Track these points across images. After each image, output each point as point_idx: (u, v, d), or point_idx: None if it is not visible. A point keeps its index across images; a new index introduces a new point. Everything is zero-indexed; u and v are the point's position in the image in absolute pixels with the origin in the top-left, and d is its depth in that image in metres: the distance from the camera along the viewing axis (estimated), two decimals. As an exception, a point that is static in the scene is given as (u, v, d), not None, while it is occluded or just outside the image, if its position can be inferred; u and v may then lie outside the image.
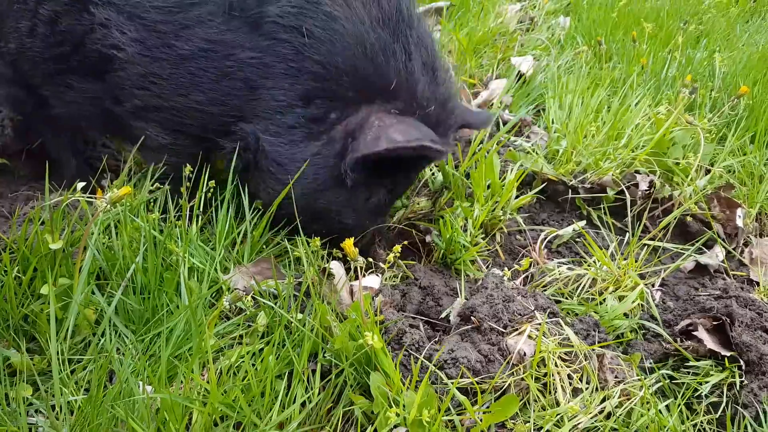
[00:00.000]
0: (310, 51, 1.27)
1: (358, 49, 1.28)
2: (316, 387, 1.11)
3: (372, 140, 1.28)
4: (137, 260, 1.26)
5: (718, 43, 3.23)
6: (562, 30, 3.18)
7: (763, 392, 1.18)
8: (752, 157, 2.08)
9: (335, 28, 1.27)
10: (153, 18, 1.30)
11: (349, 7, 1.28)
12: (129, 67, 1.35)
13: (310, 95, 1.31)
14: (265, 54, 1.28)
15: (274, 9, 1.26)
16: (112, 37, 1.33)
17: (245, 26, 1.28)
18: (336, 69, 1.29)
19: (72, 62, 1.42)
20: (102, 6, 1.32)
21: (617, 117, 2.11)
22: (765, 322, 1.29)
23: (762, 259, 1.77)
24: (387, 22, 1.32)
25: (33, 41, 1.43)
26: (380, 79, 1.32)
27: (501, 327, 1.21)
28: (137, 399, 1.01)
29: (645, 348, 1.34)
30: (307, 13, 1.26)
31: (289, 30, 1.26)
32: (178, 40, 1.29)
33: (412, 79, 1.35)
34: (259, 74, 1.30)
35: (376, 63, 1.30)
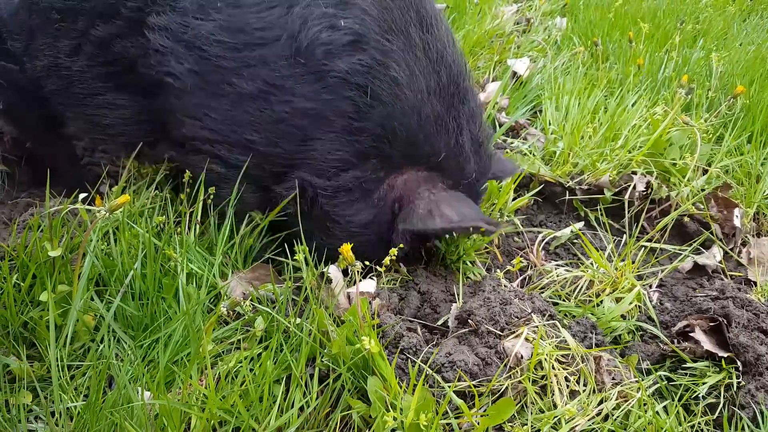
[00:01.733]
0: (372, 112, 1.26)
1: (414, 118, 1.29)
2: (314, 391, 1.11)
3: (425, 215, 1.29)
4: (136, 266, 1.26)
5: (715, 43, 3.24)
6: (559, 31, 3.18)
7: (760, 393, 1.18)
8: (749, 157, 2.09)
9: (397, 94, 1.27)
10: (215, 52, 1.27)
11: (413, 75, 1.29)
12: (184, 96, 1.33)
13: (367, 154, 1.30)
14: (326, 108, 1.27)
15: (342, 65, 1.23)
16: (167, 65, 1.31)
17: (309, 75, 1.25)
18: (392, 132, 1.29)
19: (121, 81, 1.41)
20: (158, 32, 1.30)
21: (614, 118, 2.12)
22: (762, 323, 1.29)
23: (760, 259, 1.78)
24: (443, 96, 1.34)
25: (75, 60, 1.41)
26: (430, 150, 1.33)
27: (498, 330, 1.21)
28: (136, 405, 1.02)
29: (642, 349, 1.34)
30: (375, 75, 1.25)
31: (354, 87, 1.25)
32: (239, 78, 1.27)
33: (463, 154, 1.37)
34: (316, 126, 1.28)
35: (427, 133, 1.31)
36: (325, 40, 1.22)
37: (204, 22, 1.26)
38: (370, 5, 1.25)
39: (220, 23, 1.26)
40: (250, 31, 1.25)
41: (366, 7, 1.25)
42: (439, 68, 1.33)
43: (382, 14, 1.26)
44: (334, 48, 1.23)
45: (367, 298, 1.23)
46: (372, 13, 1.25)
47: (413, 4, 1.32)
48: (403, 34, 1.28)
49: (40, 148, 1.76)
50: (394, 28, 1.27)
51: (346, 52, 1.23)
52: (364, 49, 1.24)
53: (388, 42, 1.25)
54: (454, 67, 1.36)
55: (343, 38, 1.23)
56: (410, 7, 1.31)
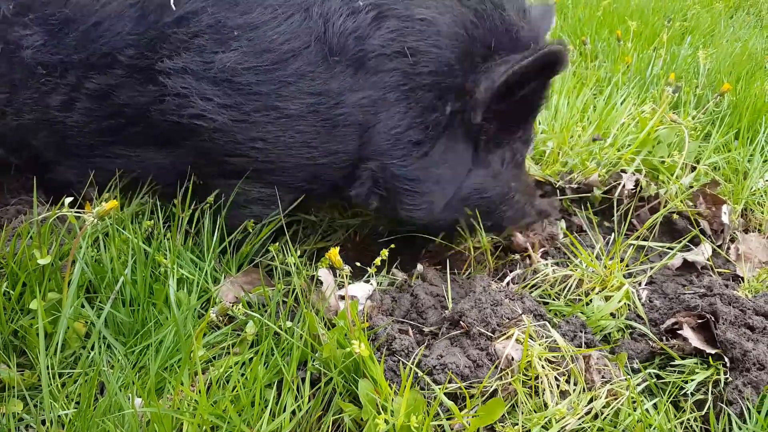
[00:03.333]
0: (419, 67, 1.25)
1: (460, 34, 1.26)
2: (305, 395, 1.12)
3: (487, 79, 1.26)
4: (126, 273, 1.26)
5: (703, 40, 3.26)
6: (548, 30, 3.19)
7: (747, 389, 1.20)
8: (736, 154, 2.11)
9: (434, 32, 1.24)
10: (247, 80, 1.21)
11: (443, 5, 1.25)
12: (219, 137, 1.27)
13: (428, 104, 1.29)
14: (375, 90, 1.24)
15: (376, 41, 1.22)
16: (191, 107, 1.24)
17: (349, 68, 1.23)
18: (447, 65, 1.27)
19: (128, 133, 1.34)
20: (175, 75, 1.23)
21: (603, 116, 2.13)
22: (748, 319, 1.30)
23: (747, 254, 1.79)
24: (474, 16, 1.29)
25: (67, 115, 1.33)
26: (482, 47, 1.29)
27: (489, 332, 1.22)
28: (127, 412, 1.02)
29: (631, 347, 1.35)
30: (406, 32, 1.23)
31: (394, 57, 1.23)
32: (281, 99, 1.22)
33: (513, 26, 1.32)
34: (372, 112, 1.26)
35: (475, 35, 1.28)
36: (352, 28, 1.20)
37: (226, 54, 1.21)
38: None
39: (243, 50, 1.21)
40: (276, 47, 1.21)
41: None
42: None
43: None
44: (363, 31, 1.21)
45: (357, 301, 1.23)
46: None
47: None
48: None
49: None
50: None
51: (374, 27, 1.21)
52: (387, 16, 1.22)
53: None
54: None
55: (366, 17, 1.21)
56: None
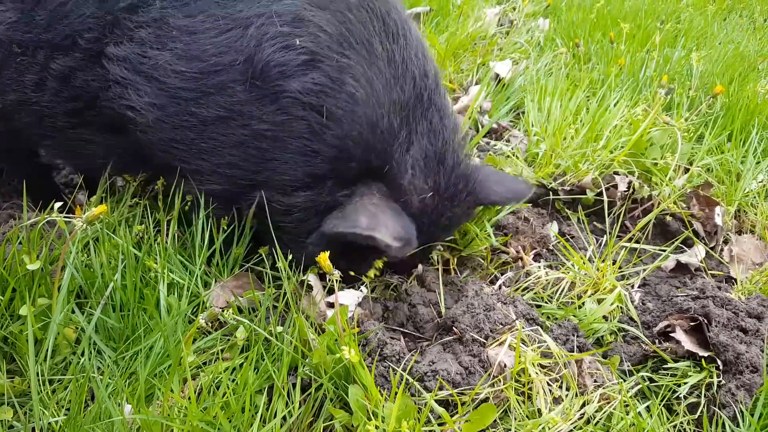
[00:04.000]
0: (327, 133, 1.23)
1: (370, 134, 1.25)
2: (296, 401, 1.11)
3: (339, 219, 1.25)
4: (116, 278, 1.26)
5: (696, 42, 3.27)
6: (542, 32, 3.20)
7: (740, 392, 1.20)
8: (729, 155, 2.11)
9: (355, 111, 1.23)
10: (173, 83, 1.23)
11: (372, 88, 1.24)
12: (149, 131, 1.29)
13: (321, 177, 1.27)
14: (280, 129, 1.23)
15: (295, 84, 1.20)
16: (127, 98, 1.26)
17: (264, 98, 1.22)
18: (347, 152, 1.25)
19: (86, 117, 1.36)
20: (116, 63, 1.25)
21: (595, 119, 2.13)
22: (741, 322, 1.30)
23: (741, 256, 1.80)
24: (403, 107, 1.29)
25: (40, 95, 1.35)
26: (379, 162, 1.28)
27: (482, 338, 1.21)
28: (116, 420, 1.01)
29: (624, 350, 1.35)
30: (329, 93, 1.21)
31: (308, 108, 1.21)
32: (198, 106, 1.24)
33: (403, 168, 1.30)
34: (272, 147, 1.26)
35: (380, 147, 1.27)
36: (279, 61, 1.19)
37: (161, 52, 1.22)
38: (327, 22, 1.22)
39: (177, 52, 1.22)
40: (207, 57, 1.21)
41: (322, 23, 1.21)
42: (403, 80, 1.29)
43: (340, 29, 1.23)
44: (288, 69, 1.20)
45: (347, 306, 1.22)
46: (328, 29, 1.21)
47: (378, 14, 1.28)
48: (364, 47, 1.25)
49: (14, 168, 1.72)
50: (353, 41, 1.23)
51: (300, 71, 1.20)
52: (319, 67, 1.20)
53: (345, 57, 1.22)
54: (419, 79, 1.32)
55: (297, 58, 1.19)
56: (374, 17, 1.27)
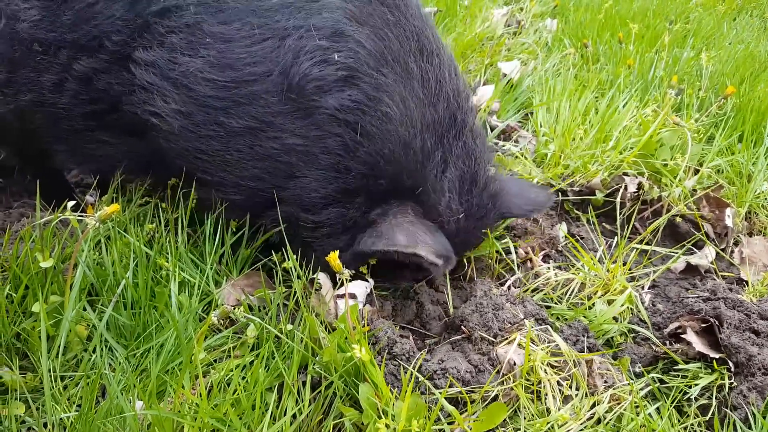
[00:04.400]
0: (361, 150, 1.21)
1: (402, 153, 1.23)
2: (306, 399, 1.12)
3: (375, 237, 1.23)
4: (127, 276, 1.26)
5: (705, 42, 3.25)
6: (549, 33, 3.19)
7: (752, 394, 1.19)
8: (740, 157, 2.10)
9: (388, 129, 1.21)
10: (203, 91, 1.20)
11: (406, 108, 1.22)
12: (172, 138, 1.27)
13: (352, 192, 1.25)
14: (313, 144, 1.21)
15: (332, 101, 1.18)
16: (152, 104, 1.24)
17: (298, 112, 1.20)
18: (379, 170, 1.23)
19: (106, 120, 1.34)
20: (144, 67, 1.23)
21: (605, 119, 2.12)
22: (753, 323, 1.30)
23: (752, 258, 1.79)
24: (436, 128, 1.27)
25: (58, 96, 1.33)
26: (412, 182, 1.27)
27: (491, 336, 1.21)
28: (129, 417, 1.01)
29: (634, 351, 1.35)
30: (365, 110, 1.19)
31: (343, 124, 1.19)
32: (228, 116, 1.21)
33: (440, 191, 1.29)
34: (303, 162, 1.23)
35: (413, 168, 1.25)
36: (316, 76, 1.18)
37: (193, 59, 1.20)
38: (367, 37, 1.20)
39: (209, 60, 1.19)
40: (240, 67, 1.19)
41: (362, 39, 1.20)
42: (437, 100, 1.28)
43: (379, 46, 1.21)
44: (326, 84, 1.18)
45: (357, 304, 1.22)
46: (368, 45, 1.20)
47: (414, 33, 1.27)
48: (400, 65, 1.23)
49: (27, 166, 1.72)
50: (390, 59, 1.22)
51: (337, 87, 1.18)
52: (357, 84, 1.19)
53: (382, 75, 1.21)
54: (452, 99, 1.31)
55: (335, 74, 1.18)
56: (410, 36, 1.26)
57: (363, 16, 1.21)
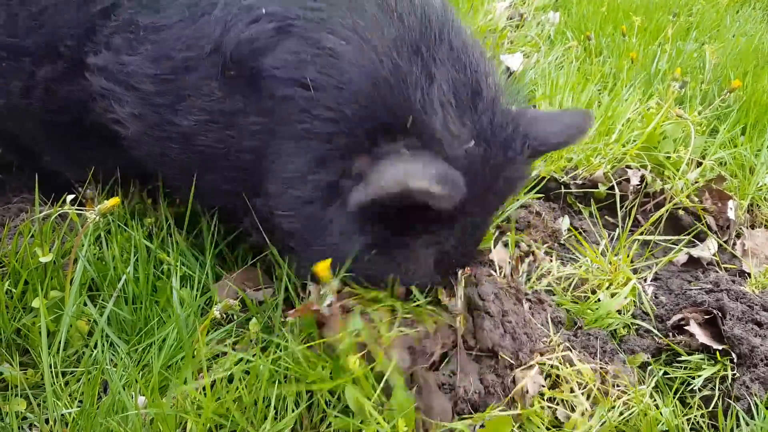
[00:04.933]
0: (318, 106, 1.01)
1: (370, 87, 1.00)
2: (304, 396, 1.11)
3: (360, 189, 0.99)
4: (128, 270, 1.26)
5: (708, 35, 3.23)
6: (552, 25, 3.18)
7: (754, 385, 1.19)
8: (743, 149, 2.09)
9: (342, 68, 1.00)
10: (148, 89, 1.10)
11: (357, 33, 1.01)
12: (134, 145, 1.17)
13: (323, 157, 1.05)
14: (269, 118, 1.05)
15: (269, 60, 1.02)
16: (111, 111, 1.15)
17: (244, 87, 1.05)
18: (348, 120, 1.01)
19: (80, 128, 1.26)
20: (96, 72, 1.13)
21: (608, 112, 2.11)
22: (756, 315, 1.29)
23: (754, 250, 1.78)
24: (407, 42, 1.02)
25: (29, 102, 1.26)
26: (394, 118, 1.02)
27: (514, 360, 1.16)
28: (131, 414, 1.01)
29: (638, 343, 1.34)
30: (306, 58, 1.00)
31: (290, 83, 1.02)
32: (176, 114, 1.10)
33: (430, 110, 1.02)
34: (263, 142, 1.08)
35: (389, 99, 1.01)
36: (248, 37, 1.03)
37: (133, 57, 1.10)
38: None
39: (146, 54, 1.09)
40: (175, 54, 1.07)
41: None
42: (399, 10, 1.04)
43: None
44: (260, 44, 1.02)
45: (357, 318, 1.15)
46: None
47: None
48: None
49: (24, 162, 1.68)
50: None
51: (272, 42, 1.02)
52: (289, 32, 1.01)
53: (317, 11, 1.02)
54: (418, 2, 1.06)
55: (266, 28, 1.02)
56: None
57: None
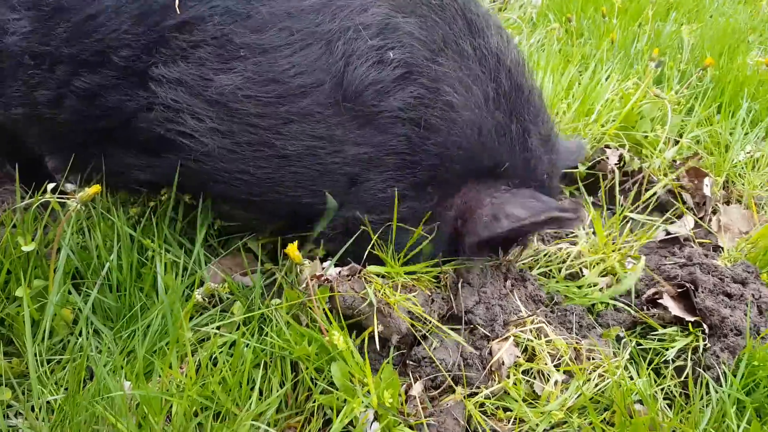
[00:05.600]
0: (427, 143, 1.16)
1: (473, 136, 1.18)
2: (288, 375, 1.13)
3: (490, 221, 1.19)
4: (111, 258, 1.27)
5: (688, 15, 3.26)
6: (534, 8, 3.19)
7: (724, 354, 1.22)
8: (719, 127, 2.12)
9: (453, 118, 1.16)
10: (246, 109, 1.12)
11: (468, 92, 1.17)
12: (205, 160, 1.18)
13: (421, 184, 1.20)
14: (377, 150, 1.15)
15: (394, 102, 1.11)
16: (180, 123, 1.15)
17: (357, 119, 1.13)
18: (449, 158, 1.18)
19: (115, 136, 1.25)
20: (167, 84, 1.13)
21: (587, 93, 2.14)
22: (726, 287, 1.33)
23: (728, 226, 1.82)
24: (505, 102, 1.22)
25: (57, 112, 1.23)
26: (492, 162, 1.22)
27: (488, 331, 1.20)
28: (116, 395, 1.03)
29: (614, 318, 1.37)
30: (428, 104, 1.13)
31: (407, 122, 1.13)
32: (279, 138, 1.13)
33: (533, 156, 1.27)
34: (367, 169, 1.17)
35: (488, 146, 1.21)
36: (374, 79, 1.10)
37: (227, 75, 1.10)
38: (416, 27, 1.13)
39: (246, 75, 1.10)
40: (286, 79, 1.10)
41: (412, 29, 1.13)
42: (498, 74, 1.22)
43: (430, 33, 1.15)
44: (384, 86, 1.11)
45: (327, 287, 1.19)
46: (419, 35, 1.13)
47: (459, 10, 1.20)
48: (452, 49, 1.17)
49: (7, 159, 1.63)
50: (443, 45, 1.16)
51: (397, 87, 1.12)
52: (415, 79, 1.13)
53: (438, 65, 1.15)
54: (513, 68, 1.25)
55: (392, 73, 1.11)
56: (457, 15, 1.20)
57: (408, 5, 1.15)
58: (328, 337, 1.08)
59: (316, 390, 1.12)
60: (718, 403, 1.17)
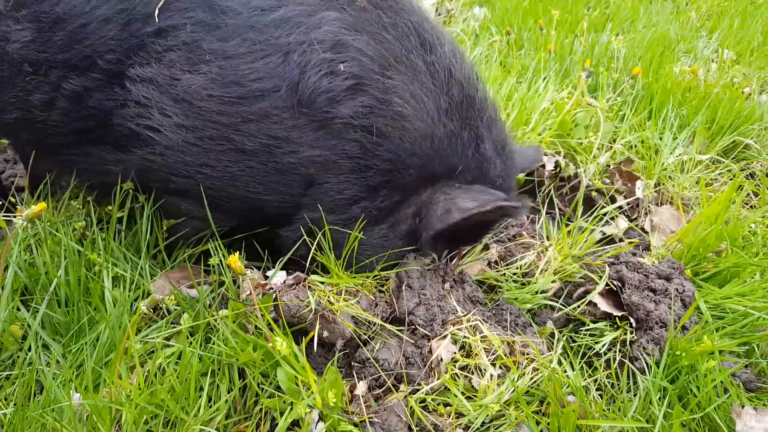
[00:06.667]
0: (379, 149, 1.26)
1: (426, 143, 1.28)
2: (236, 383, 1.17)
3: (443, 215, 1.29)
4: (59, 274, 1.29)
5: (622, 27, 3.43)
6: (477, 21, 3.30)
7: (650, 345, 1.32)
8: (649, 132, 2.25)
9: (404, 126, 1.26)
10: (209, 107, 1.22)
11: (420, 103, 1.27)
12: (169, 153, 1.28)
13: (375, 187, 1.30)
14: (332, 153, 1.25)
15: (344, 110, 1.22)
16: (149, 118, 1.25)
17: (312, 124, 1.23)
18: (402, 163, 1.28)
19: (94, 135, 1.35)
20: (140, 83, 1.24)
21: (524, 102, 2.24)
22: (651, 283, 1.43)
23: (659, 225, 1.94)
24: (457, 112, 1.32)
25: (48, 114, 1.34)
26: (445, 167, 1.32)
27: (427, 331, 1.27)
28: (65, 406, 1.05)
29: (550, 316, 1.46)
30: (379, 113, 1.24)
31: (359, 129, 1.24)
32: (239, 134, 1.23)
33: (485, 161, 1.36)
34: (322, 170, 1.27)
35: (441, 152, 1.31)
36: (326, 88, 1.21)
37: (194, 75, 1.22)
38: (366, 44, 1.23)
39: (211, 76, 1.21)
40: (246, 83, 1.21)
41: (362, 47, 1.23)
42: (449, 87, 1.32)
43: (380, 50, 1.25)
44: (336, 95, 1.22)
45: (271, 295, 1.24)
46: (369, 52, 1.23)
47: (413, 28, 1.30)
48: (404, 64, 1.27)
49: None
50: (394, 61, 1.26)
51: (348, 96, 1.22)
52: (365, 91, 1.23)
53: (389, 78, 1.24)
54: (465, 81, 1.35)
55: (343, 83, 1.21)
56: (410, 33, 1.30)
57: (360, 23, 1.25)
58: (272, 344, 1.12)
59: (263, 395, 1.16)
60: (644, 391, 1.27)
